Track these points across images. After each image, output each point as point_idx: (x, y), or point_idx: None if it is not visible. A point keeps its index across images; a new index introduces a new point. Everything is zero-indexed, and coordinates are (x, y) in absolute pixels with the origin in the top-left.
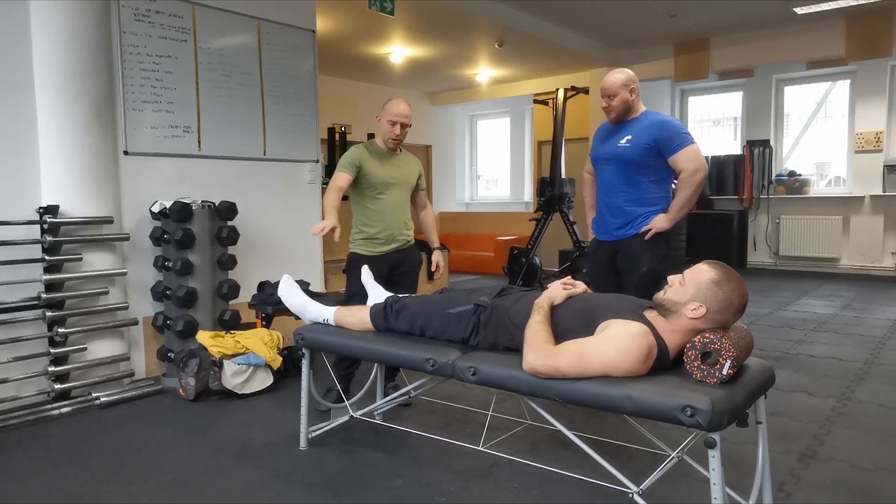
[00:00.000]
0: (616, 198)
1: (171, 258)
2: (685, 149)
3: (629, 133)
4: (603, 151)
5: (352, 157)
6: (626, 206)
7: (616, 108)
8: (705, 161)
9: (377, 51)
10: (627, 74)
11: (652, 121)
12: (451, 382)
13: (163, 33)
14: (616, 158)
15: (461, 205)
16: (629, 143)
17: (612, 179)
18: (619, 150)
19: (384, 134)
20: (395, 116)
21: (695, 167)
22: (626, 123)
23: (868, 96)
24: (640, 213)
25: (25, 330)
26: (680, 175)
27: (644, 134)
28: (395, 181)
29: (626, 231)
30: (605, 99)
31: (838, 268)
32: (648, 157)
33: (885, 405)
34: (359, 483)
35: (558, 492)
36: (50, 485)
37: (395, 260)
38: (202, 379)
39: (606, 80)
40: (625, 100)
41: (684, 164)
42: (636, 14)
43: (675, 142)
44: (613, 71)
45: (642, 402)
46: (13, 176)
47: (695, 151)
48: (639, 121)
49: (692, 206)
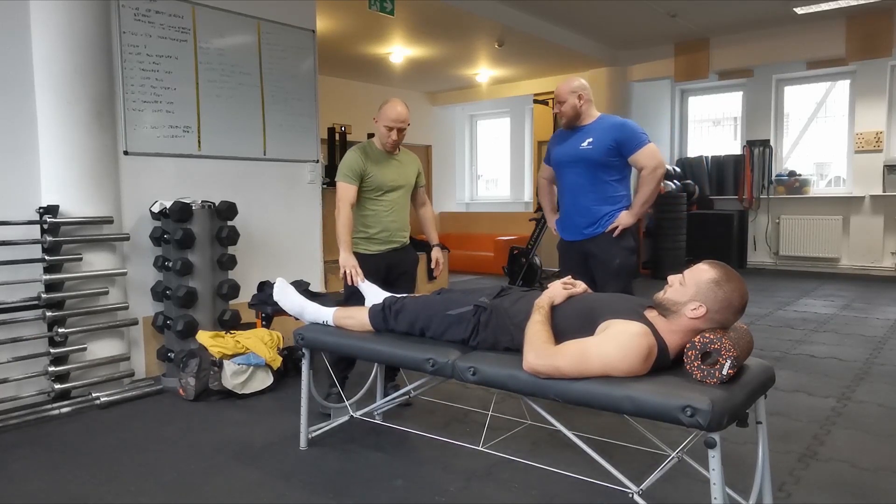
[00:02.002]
0: (583, 198)
1: (171, 258)
2: (644, 147)
3: (590, 136)
4: (565, 154)
5: (353, 165)
6: (593, 206)
7: (566, 114)
8: (663, 158)
9: (377, 51)
10: (578, 82)
11: (611, 123)
12: (451, 382)
13: (163, 33)
14: (581, 160)
15: (461, 205)
16: (591, 144)
17: (577, 180)
18: (583, 151)
19: (381, 138)
20: (392, 122)
21: (654, 164)
22: (585, 127)
23: (868, 96)
24: (606, 212)
25: (25, 330)
26: (641, 172)
27: (605, 135)
28: (396, 183)
29: (594, 230)
30: (557, 105)
31: (838, 268)
32: (611, 157)
33: (885, 405)
34: (359, 483)
35: (558, 492)
36: (50, 485)
37: (392, 259)
38: (202, 379)
39: (558, 88)
40: (573, 105)
41: (645, 162)
42: (636, 14)
43: (634, 141)
44: (566, 79)
45: (642, 402)
46: (13, 176)
47: (653, 149)
48: (597, 124)
49: (653, 200)
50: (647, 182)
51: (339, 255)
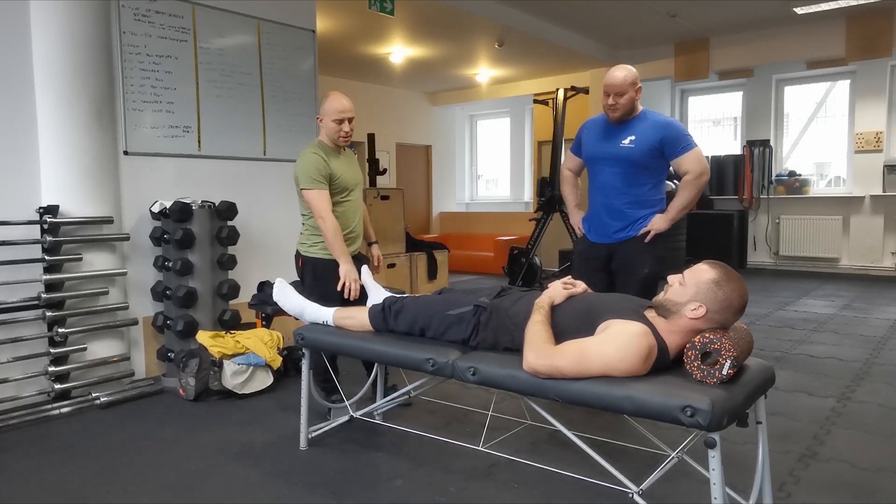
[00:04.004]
0: (616, 200)
1: (171, 258)
2: (691, 151)
3: (632, 133)
4: (602, 151)
5: (320, 168)
6: (627, 209)
7: (623, 107)
8: (707, 164)
9: (377, 51)
10: (634, 72)
11: (655, 121)
12: (451, 382)
13: (163, 33)
14: (618, 159)
15: (461, 205)
16: (633, 143)
17: (612, 181)
18: (623, 150)
19: (332, 134)
20: (341, 113)
21: (700, 170)
22: (627, 123)
23: (868, 96)
24: (640, 216)
25: (25, 330)
26: (685, 177)
27: (649, 134)
28: (357, 180)
29: (625, 234)
30: (613, 97)
31: (838, 268)
32: (651, 158)
33: (885, 405)
34: (359, 483)
35: (558, 492)
36: (50, 485)
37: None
38: (202, 379)
39: (615, 78)
40: (632, 98)
41: (690, 166)
42: (636, 14)
43: (680, 143)
44: (618, 68)
45: (642, 402)
46: (13, 176)
47: (699, 154)
48: (640, 120)
49: (690, 208)
50: (690, 188)
51: (341, 267)
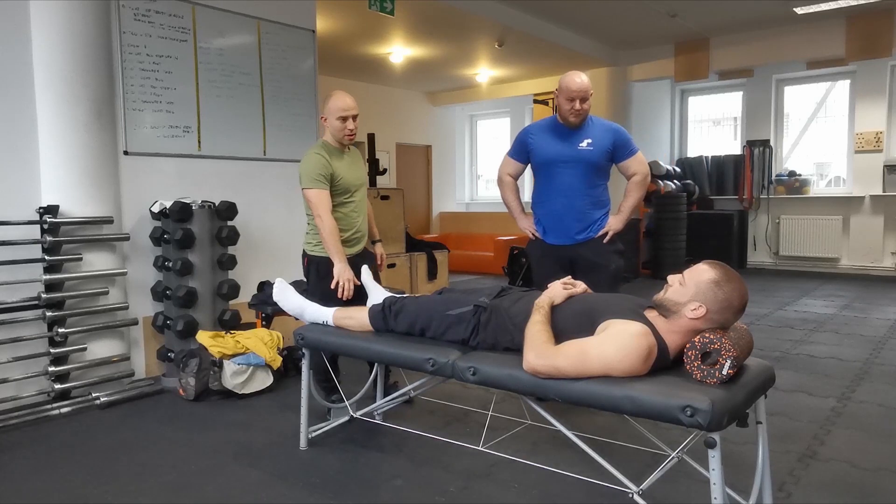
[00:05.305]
0: (578, 200)
1: (171, 258)
2: (637, 154)
3: (587, 136)
4: (561, 154)
5: (321, 168)
6: (588, 210)
7: (587, 112)
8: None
9: (377, 51)
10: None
11: (604, 125)
12: (451, 382)
13: (163, 33)
14: (579, 161)
15: (461, 205)
16: (591, 146)
17: (574, 182)
18: (583, 152)
19: (336, 132)
20: (345, 111)
21: (646, 171)
22: (581, 127)
23: (868, 96)
24: (597, 217)
25: (25, 330)
26: (633, 178)
27: (603, 137)
28: (361, 180)
29: (585, 235)
30: (580, 102)
31: (838, 268)
32: (605, 160)
33: (885, 405)
34: (359, 483)
35: (558, 492)
36: (50, 485)
37: (359, 263)
38: (202, 379)
39: (581, 84)
40: (590, 103)
41: (637, 168)
42: (636, 14)
43: (629, 147)
44: (576, 74)
45: (642, 402)
46: (13, 176)
47: (643, 157)
48: (592, 125)
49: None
50: (639, 188)
51: (335, 266)
